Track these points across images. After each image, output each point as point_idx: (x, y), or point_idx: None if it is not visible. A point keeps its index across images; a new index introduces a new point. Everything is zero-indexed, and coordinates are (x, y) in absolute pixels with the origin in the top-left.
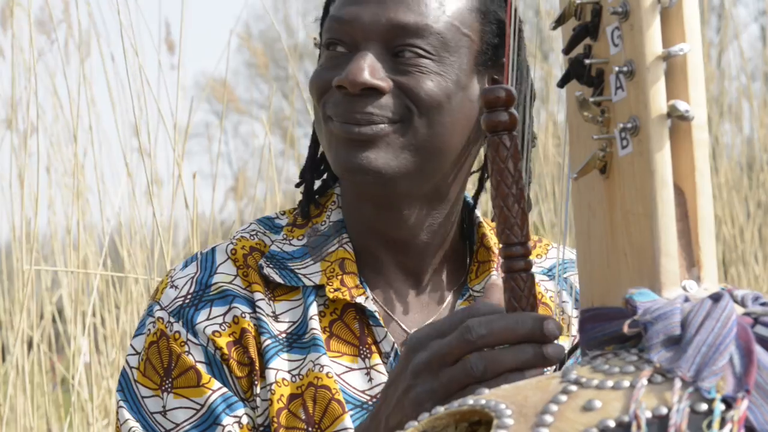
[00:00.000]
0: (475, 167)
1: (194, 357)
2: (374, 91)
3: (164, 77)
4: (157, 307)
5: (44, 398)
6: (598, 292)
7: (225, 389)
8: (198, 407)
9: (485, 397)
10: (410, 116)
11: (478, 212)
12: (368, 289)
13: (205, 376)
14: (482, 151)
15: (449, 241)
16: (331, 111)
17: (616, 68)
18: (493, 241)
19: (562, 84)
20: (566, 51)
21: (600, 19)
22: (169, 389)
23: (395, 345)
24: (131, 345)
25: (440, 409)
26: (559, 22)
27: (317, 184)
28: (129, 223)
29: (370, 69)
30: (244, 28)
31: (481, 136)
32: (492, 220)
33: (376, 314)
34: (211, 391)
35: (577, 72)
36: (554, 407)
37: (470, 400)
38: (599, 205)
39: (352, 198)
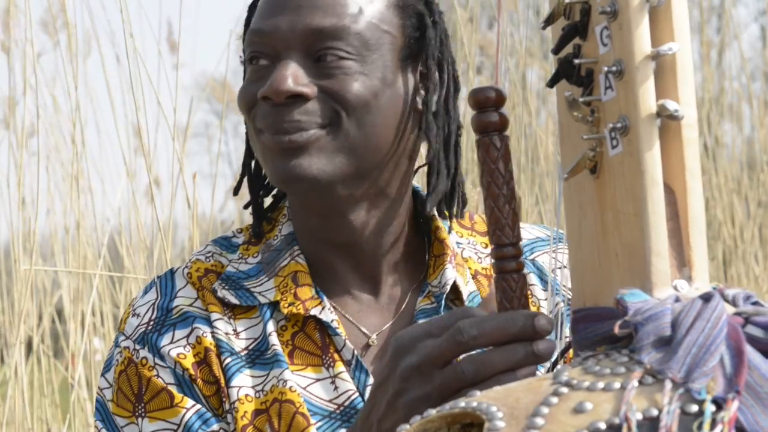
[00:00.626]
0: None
1: (164, 379)
2: (299, 98)
3: (166, 77)
4: (122, 337)
5: (44, 399)
6: (590, 292)
7: (199, 406)
8: (174, 427)
9: (476, 399)
10: (339, 119)
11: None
12: (325, 299)
13: (178, 396)
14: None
15: (402, 239)
16: (260, 123)
17: (606, 68)
18: (445, 233)
19: (551, 84)
20: (555, 51)
21: (589, 19)
22: (143, 414)
23: (355, 352)
24: (104, 378)
25: (432, 412)
26: (549, 21)
27: (266, 200)
28: (129, 224)
29: (292, 77)
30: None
31: (415, 129)
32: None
33: (334, 323)
34: (185, 410)
35: (566, 72)
36: (545, 409)
37: (462, 403)
38: (590, 205)
39: (297, 208)
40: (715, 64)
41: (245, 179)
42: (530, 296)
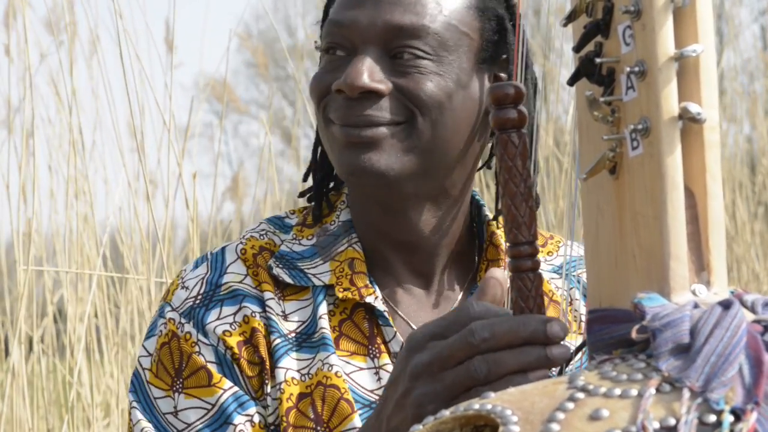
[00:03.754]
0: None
1: (205, 357)
2: (373, 94)
3: (166, 77)
4: (168, 308)
5: (44, 398)
6: (606, 293)
7: (236, 388)
8: (209, 407)
9: (491, 401)
10: (413, 118)
11: (486, 210)
12: (378, 289)
13: (216, 376)
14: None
15: (457, 240)
16: (332, 114)
17: (628, 68)
18: (502, 239)
19: (572, 82)
20: (577, 48)
21: (611, 17)
22: (180, 389)
23: (404, 344)
24: (143, 346)
25: (445, 413)
26: (570, 18)
27: (326, 184)
28: (129, 224)
29: (368, 72)
30: (244, 28)
31: (485, 133)
32: (494, 219)
33: (386, 314)
34: (222, 391)
35: (587, 70)
36: (561, 415)
37: (476, 405)
38: (608, 206)
39: (358, 200)
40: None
41: (310, 163)
42: (574, 311)
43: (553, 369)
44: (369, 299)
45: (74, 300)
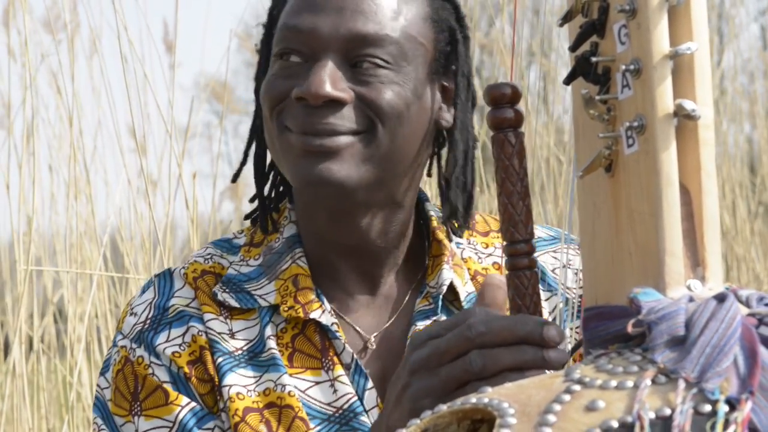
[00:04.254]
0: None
1: (159, 377)
2: (335, 103)
3: (165, 77)
4: (120, 337)
5: (44, 398)
6: (602, 290)
7: (194, 403)
8: (170, 424)
9: (488, 395)
10: (373, 127)
11: (429, 206)
12: (325, 301)
13: (173, 394)
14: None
15: (405, 240)
16: (288, 122)
17: (623, 66)
18: (442, 234)
19: (568, 81)
20: (573, 48)
21: (607, 17)
22: (138, 412)
23: (354, 355)
24: (104, 378)
25: (443, 407)
26: (566, 19)
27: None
28: (129, 224)
29: (331, 80)
30: (245, 28)
31: (432, 143)
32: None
33: (333, 326)
34: (180, 407)
35: (583, 69)
36: (557, 407)
37: (473, 399)
38: (604, 203)
39: (304, 209)
40: (715, 64)
41: (253, 173)
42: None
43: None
44: (314, 314)
45: (74, 300)
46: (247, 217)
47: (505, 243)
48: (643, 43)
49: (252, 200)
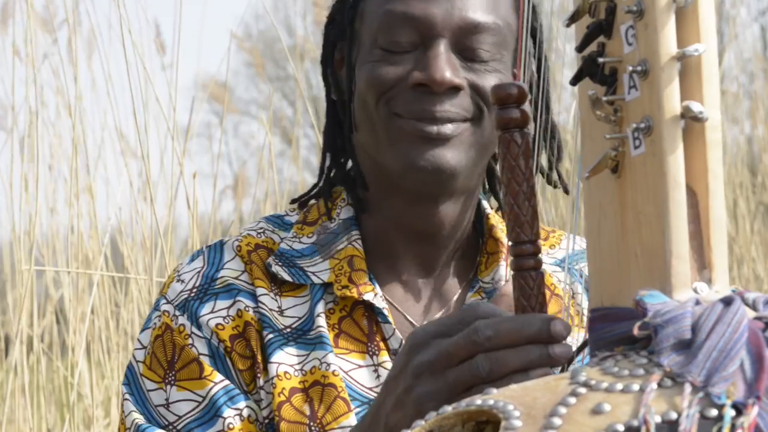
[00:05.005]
0: None
1: (198, 349)
2: (453, 90)
3: (163, 77)
4: (164, 301)
5: (45, 398)
6: (608, 291)
7: (227, 382)
8: (200, 399)
9: (493, 397)
10: (481, 115)
11: (485, 203)
12: (377, 286)
13: (208, 369)
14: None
15: (465, 235)
16: (400, 108)
17: (630, 67)
18: (502, 232)
19: (574, 82)
20: (580, 48)
21: (614, 17)
22: (172, 382)
23: (403, 341)
24: (138, 339)
25: (448, 409)
26: (573, 19)
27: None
28: (130, 223)
29: (451, 67)
30: (245, 28)
31: None
32: (498, 213)
33: (385, 311)
34: (213, 384)
35: (590, 70)
36: (563, 409)
37: (478, 400)
38: (610, 204)
39: (379, 190)
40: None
41: (329, 156)
42: (577, 305)
43: (555, 368)
44: (367, 297)
45: (75, 300)
46: (294, 201)
47: (510, 243)
48: (650, 45)
49: (293, 202)
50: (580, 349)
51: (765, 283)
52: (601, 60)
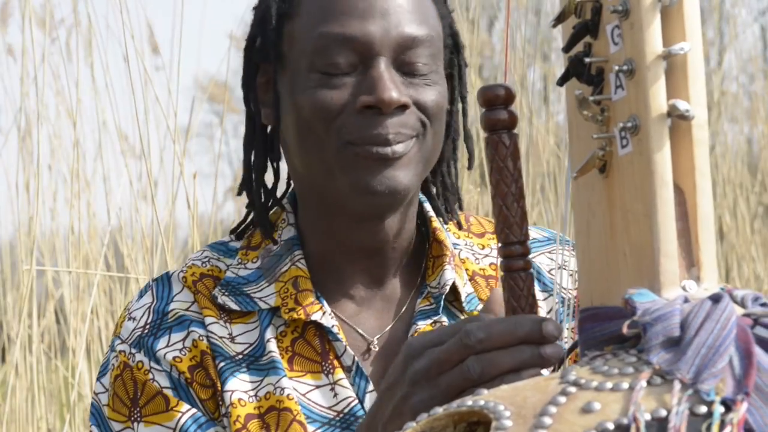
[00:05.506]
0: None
1: (160, 383)
2: (399, 108)
3: (160, 78)
4: (118, 341)
5: (45, 398)
6: (598, 291)
7: (194, 410)
8: (170, 431)
9: (484, 397)
10: (425, 130)
11: (427, 206)
12: (325, 303)
13: (173, 400)
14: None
15: (411, 243)
16: (352, 135)
17: (616, 67)
18: (443, 234)
19: (561, 82)
20: (566, 49)
21: (600, 18)
22: (138, 418)
23: (355, 358)
24: (100, 383)
25: (439, 410)
26: (559, 20)
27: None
28: (130, 223)
29: (395, 85)
30: (245, 27)
31: (446, 141)
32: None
33: (335, 329)
34: (180, 414)
35: (576, 70)
36: (553, 409)
37: (469, 401)
38: (599, 204)
39: (320, 211)
40: (716, 64)
41: (249, 182)
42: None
43: (547, 368)
44: (315, 316)
45: (75, 300)
46: (232, 231)
47: (499, 245)
48: (636, 44)
49: (248, 207)
50: (571, 350)
51: (765, 283)
52: (587, 60)
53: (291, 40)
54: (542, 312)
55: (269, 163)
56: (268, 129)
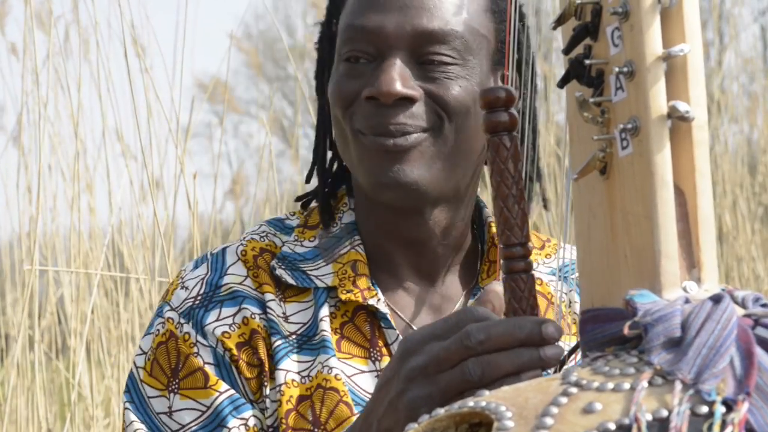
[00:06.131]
0: None
1: (203, 358)
2: (406, 101)
3: (168, 77)
4: (167, 308)
5: (45, 398)
6: (599, 293)
7: (232, 391)
8: (204, 409)
9: (485, 398)
10: (441, 124)
11: (487, 211)
12: (380, 291)
13: (213, 378)
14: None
15: (463, 241)
16: (360, 124)
17: (616, 69)
18: None
19: (562, 84)
20: (566, 51)
21: (600, 20)
22: (176, 390)
23: None
24: (139, 345)
25: (440, 411)
26: (559, 22)
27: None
28: (130, 223)
29: (401, 78)
30: (245, 28)
31: None
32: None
33: (388, 316)
34: (218, 393)
35: (577, 72)
36: (554, 409)
37: (470, 402)
38: (599, 206)
39: (368, 204)
40: (715, 64)
41: (317, 168)
42: (573, 314)
43: (547, 370)
44: (371, 301)
45: (75, 300)
46: (299, 199)
47: (500, 246)
48: (636, 46)
49: (298, 200)
50: (572, 351)
51: (765, 283)
52: (587, 62)
53: (337, 35)
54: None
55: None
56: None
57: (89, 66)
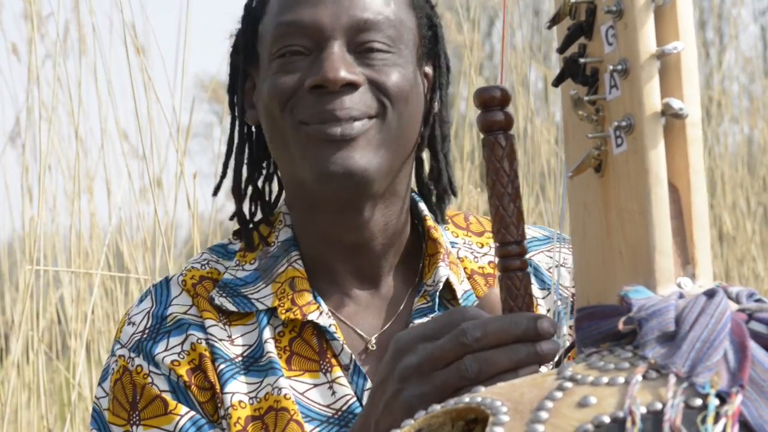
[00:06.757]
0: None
1: (158, 387)
2: (350, 87)
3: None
4: (118, 346)
5: (45, 398)
6: (594, 290)
7: (193, 413)
8: None
9: (481, 394)
10: (384, 111)
11: (422, 205)
12: (323, 303)
13: (172, 403)
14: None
15: (403, 239)
16: (303, 115)
17: (611, 67)
18: (438, 232)
19: (557, 83)
20: (561, 50)
21: (594, 18)
22: (137, 422)
23: (353, 356)
24: (101, 387)
25: (436, 407)
26: (554, 21)
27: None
28: (130, 223)
29: (345, 64)
30: None
31: (425, 128)
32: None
33: (331, 328)
34: (179, 416)
35: (571, 71)
36: (549, 403)
37: (466, 398)
38: (594, 203)
39: (304, 208)
40: (716, 64)
41: (232, 189)
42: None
43: (544, 366)
44: (312, 316)
45: (75, 300)
46: (235, 233)
47: (496, 245)
48: (630, 44)
49: (231, 218)
50: (568, 349)
51: (765, 282)
52: (582, 60)
53: (261, 39)
54: (542, 310)
55: (254, 167)
56: (254, 132)
57: (89, 65)
